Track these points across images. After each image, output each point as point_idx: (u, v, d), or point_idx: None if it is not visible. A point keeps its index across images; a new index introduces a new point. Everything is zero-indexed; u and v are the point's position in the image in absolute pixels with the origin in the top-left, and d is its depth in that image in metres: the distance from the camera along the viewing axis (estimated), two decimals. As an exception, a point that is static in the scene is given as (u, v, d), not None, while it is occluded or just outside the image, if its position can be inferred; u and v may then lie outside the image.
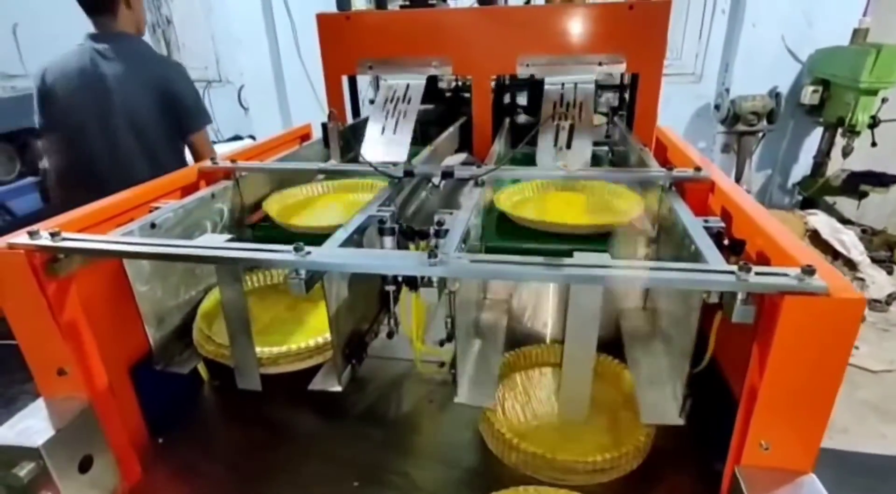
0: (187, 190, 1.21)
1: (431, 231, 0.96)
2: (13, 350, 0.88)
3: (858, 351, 3.02)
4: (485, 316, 1.28)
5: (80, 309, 0.90)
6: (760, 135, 4.13)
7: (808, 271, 0.65)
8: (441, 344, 1.32)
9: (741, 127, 4.03)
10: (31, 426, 0.87)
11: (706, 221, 0.93)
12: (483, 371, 1.00)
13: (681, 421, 0.90)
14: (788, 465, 0.75)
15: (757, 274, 0.67)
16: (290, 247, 0.77)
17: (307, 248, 0.77)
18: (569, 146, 1.23)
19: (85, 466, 0.92)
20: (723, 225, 0.92)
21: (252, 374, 0.98)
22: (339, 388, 0.98)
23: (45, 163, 3.89)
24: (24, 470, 0.84)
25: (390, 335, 1.14)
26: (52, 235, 0.82)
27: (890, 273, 3.79)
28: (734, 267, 0.68)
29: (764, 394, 0.70)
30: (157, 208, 1.07)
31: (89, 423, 0.92)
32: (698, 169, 1.12)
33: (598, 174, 1.20)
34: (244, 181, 1.27)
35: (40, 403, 0.92)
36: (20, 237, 0.82)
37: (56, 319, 0.86)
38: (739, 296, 0.67)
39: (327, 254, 0.78)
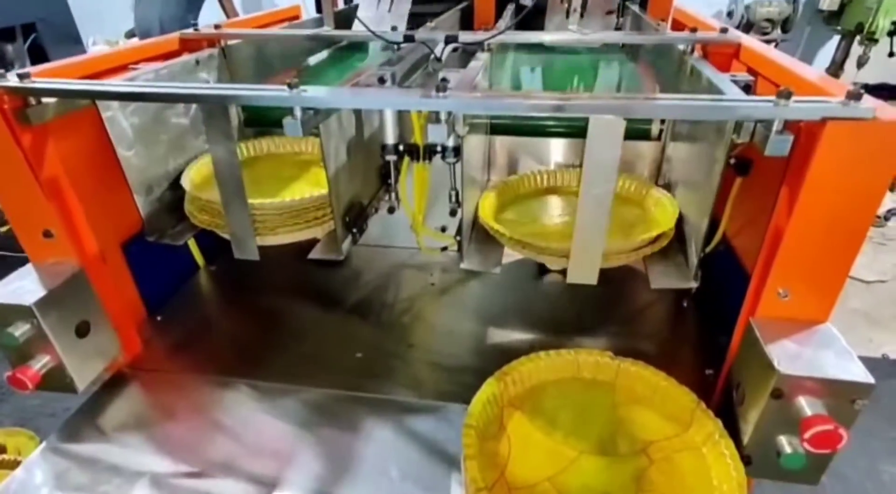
0: (168, 57, 1.11)
1: (435, 88, 0.88)
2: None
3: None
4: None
5: (61, 167, 0.84)
6: (773, 44, 3.93)
7: (855, 95, 0.59)
8: (443, 229, 1.29)
9: (753, 35, 3.83)
10: (23, 286, 0.84)
11: (733, 76, 0.86)
12: (489, 238, 0.97)
13: (694, 284, 0.87)
14: (805, 315, 0.73)
15: (797, 101, 0.61)
16: (284, 85, 0.70)
17: (302, 86, 0.70)
18: (583, 13, 1.13)
19: (82, 331, 0.89)
20: (751, 78, 0.85)
21: (249, 243, 0.94)
22: (340, 256, 0.95)
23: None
24: (19, 330, 0.81)
25: (391, 210, 1.10)
26: (21, 77, 0.74)
27: (891, 190, 3.76)
28: (771, 97, 0.62)
29: (791, 235, 0.66)
30: (136, 69, 0.98)
31: (82, 288, 0.89)
32: (724, 30, 1.03)
33: (614, 37, 1.11)
34: (230, 51, 1.17)
35: (29, 267, 0.89)
36: (-14, 80, 0.75)
37: (35, 173, 0.80)
38: (775, 127, 0.62)
39: (325, 91, 0.71)
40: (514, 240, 0.91)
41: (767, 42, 3.88)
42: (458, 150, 0.94)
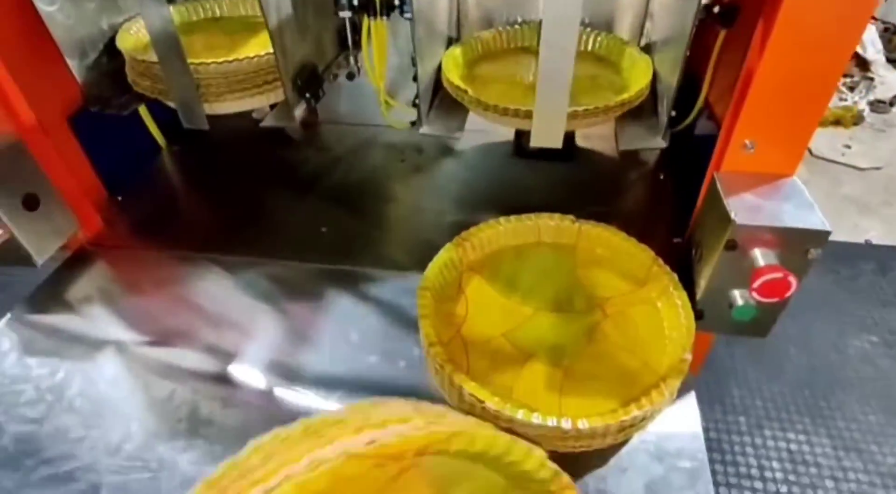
0: None
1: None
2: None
3: (850, 150, 2.97)
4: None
5: (-26, 21, 0.76)
6: None
7: None
8: (413, 103, 1.22)
9: None
10: (-46, 155, 0.80)
11: None
12: (455, 103, 0.91)
13: (663, 143, 0.83)
14: (771, 167, 0.69)
15: None
16: None
17: None
18: None
19: (31, 204, 0.87)
20: None
21: (196, 110, 0.88)
22: (293, 123, 0.90)
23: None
24: (-40, 198, 0.79)
25: (350, 76, 1.03)
26: None
27: (902, 74, 3.58)
28: None
29: (760, 78, 0.61)
30: None
31: (23, 160, 0.85)
32: None
33: None
34: None
35: (-38, 136, 0.84)
36: None
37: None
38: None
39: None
40: (476, 101, 0.85)
41: None
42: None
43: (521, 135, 1.19)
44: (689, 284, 0.76)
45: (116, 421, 0.72)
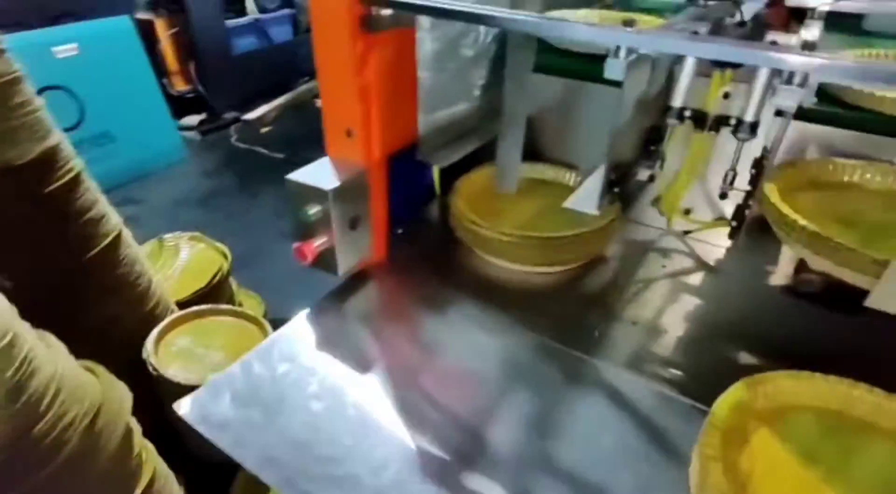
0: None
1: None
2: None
3: None
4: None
5: (374, 75, 0.93)
6: None
7: None
8: (686, 212, 1.19)
9: None
10: (322, 175, 0.97)
11: None
12: (760, 228, 0.85)
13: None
14: None
15: None
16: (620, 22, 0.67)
17: (636, 27, 0.66)
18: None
19: (353, 224, 1.01)
20: None
21: (511, 177, 0.96)
22: (595, 211, 0.92)
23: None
24: (313, 210, 0.94)
25: (651, 178, 1.03)
26: (369, -13, 0.83)
27: None
28: None
29: None
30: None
31: (362, 187, 1.00)
32: None
33: None
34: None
35: (326, 160, 1.02)
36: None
37: (357, 77, 0.90)
38: None
39: (663, 35, 0.66)
40: (806, 233, 0.78)
41: None
42: (755, 127, 0.83)
43: (803, 269, 1.07)
44: None
45: (380, 443, 0.77)
